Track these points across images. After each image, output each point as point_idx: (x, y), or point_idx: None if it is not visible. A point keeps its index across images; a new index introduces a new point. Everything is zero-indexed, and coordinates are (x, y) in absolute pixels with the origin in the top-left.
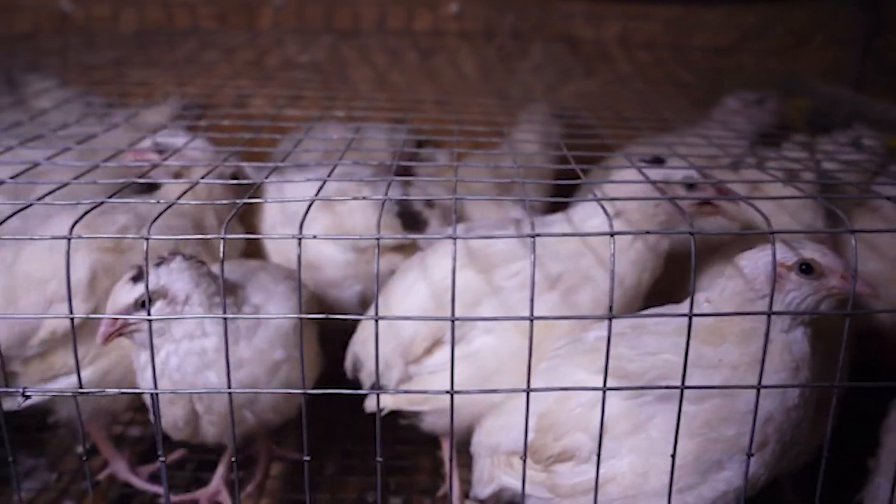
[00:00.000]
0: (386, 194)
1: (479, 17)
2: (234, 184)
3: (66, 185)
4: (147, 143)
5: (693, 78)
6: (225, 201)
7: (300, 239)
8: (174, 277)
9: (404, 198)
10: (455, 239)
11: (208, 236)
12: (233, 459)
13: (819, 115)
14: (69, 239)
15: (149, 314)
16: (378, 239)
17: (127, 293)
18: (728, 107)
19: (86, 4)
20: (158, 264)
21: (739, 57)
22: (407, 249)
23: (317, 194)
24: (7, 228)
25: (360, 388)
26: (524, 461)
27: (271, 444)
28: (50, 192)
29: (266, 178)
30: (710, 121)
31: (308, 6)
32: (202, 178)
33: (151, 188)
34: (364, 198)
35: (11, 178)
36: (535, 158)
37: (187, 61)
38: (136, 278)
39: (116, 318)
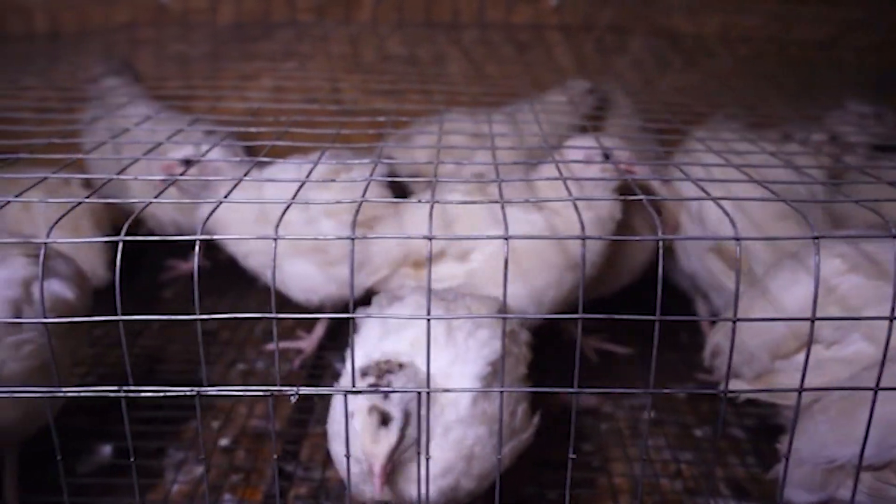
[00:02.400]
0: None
1: (578, 11)
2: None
3: None
4: (177, 155)
5: (788, 72)
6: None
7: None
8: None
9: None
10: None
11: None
12: None
13: None
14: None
15: None
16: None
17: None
18: (842, 117)
19: None
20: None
21: (839, 52)
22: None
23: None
24: None
25: None
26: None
27: None
28: None
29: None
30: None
31: (407, 0)
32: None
33: None
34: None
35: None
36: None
37: (284, 54)
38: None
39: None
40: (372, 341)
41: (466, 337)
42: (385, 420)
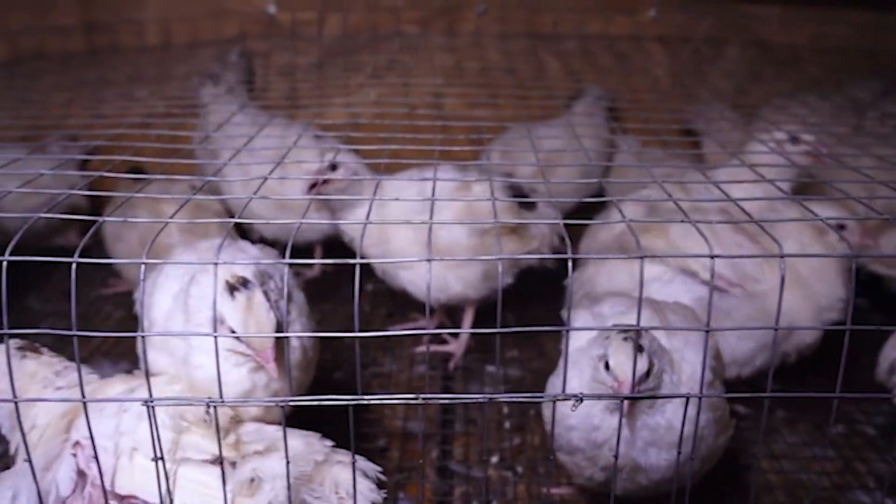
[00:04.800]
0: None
1: (675, 22)
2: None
3: None
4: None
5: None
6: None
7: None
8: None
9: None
10: None
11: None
12: None
13: None
14: None
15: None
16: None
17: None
18: None
19: (292, 9)
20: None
21: None
22: (520, 232)
23: None
24: None
25: None
26: None
27: None
28: None
29: None
30: None
31: (510, 12)
32: None
33: None
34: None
35: None
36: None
37: (388, 64)
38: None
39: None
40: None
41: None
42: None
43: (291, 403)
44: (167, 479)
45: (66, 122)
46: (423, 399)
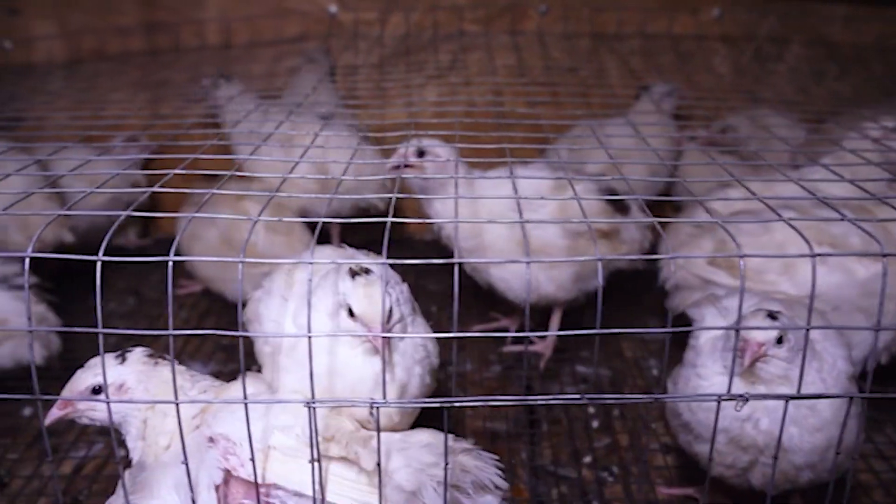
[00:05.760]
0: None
1: (740, 21)
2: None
3: None
4: (409, 148)
5: None
6: None
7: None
8: None
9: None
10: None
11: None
12: None
13: None
14: None
15: None
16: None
17: None
18: None
19: (354, 9)
20: None
21: None
22: (612, 236)
23: None
24: None
25: None
26: None
27: None
28: None
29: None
30: None
31: (573, 11)
32: None
33: None
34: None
35: None
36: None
37: (449, 64)
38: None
39: None
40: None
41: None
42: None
43: (457, 405)
44: (321, 477)
45: (126, 123)
46: (588, 399)
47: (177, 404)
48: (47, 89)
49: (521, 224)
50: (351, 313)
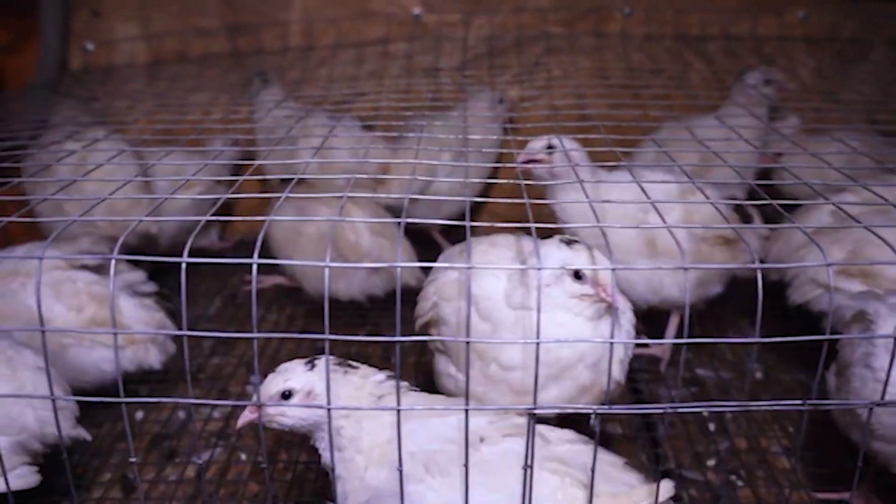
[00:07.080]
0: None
1: (824, 23)
2: None
3: None
4: (539, 144)
5: None
6: None
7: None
8: None
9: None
10: None
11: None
12: None
13: None
14: None
15: None
16: None
17: None
18: None
19: (438, 10)
20: None
21: None
22: (734, 243)
23: None
24: None
25: None
26: None
27: None
28: None
29: None
30: None
31: (657, 13)
32: None
33: None
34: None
35: None
36: None
37: (533, 65)
38: None
39: None
40: None
41: None
42: None
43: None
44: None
45: (204, 125)
46: (811, 405)
47: (398, 411)
48: (126, 90)
49: (668, 229)
50: (577, 276)
